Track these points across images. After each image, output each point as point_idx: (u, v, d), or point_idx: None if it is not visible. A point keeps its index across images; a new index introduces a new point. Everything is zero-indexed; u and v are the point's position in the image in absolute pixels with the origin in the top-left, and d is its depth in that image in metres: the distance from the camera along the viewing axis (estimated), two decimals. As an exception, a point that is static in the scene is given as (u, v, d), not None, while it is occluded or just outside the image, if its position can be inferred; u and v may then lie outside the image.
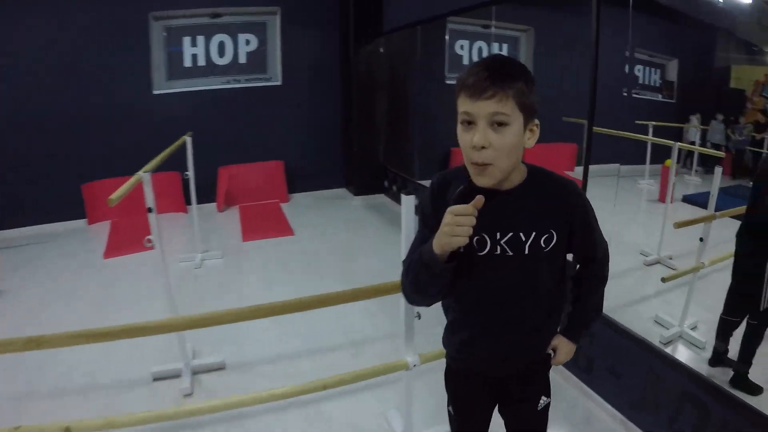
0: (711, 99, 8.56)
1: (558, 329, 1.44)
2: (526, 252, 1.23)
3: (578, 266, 1.43)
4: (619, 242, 2.17)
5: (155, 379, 2.74)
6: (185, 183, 4.31)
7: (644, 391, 2.38)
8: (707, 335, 3.00)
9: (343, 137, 6.54)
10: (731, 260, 2.98)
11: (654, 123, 6.11)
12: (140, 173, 2.56)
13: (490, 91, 1.08)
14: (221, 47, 5.67)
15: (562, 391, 2.72)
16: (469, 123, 1.13)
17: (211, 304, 3.52)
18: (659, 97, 7.96)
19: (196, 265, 4.27)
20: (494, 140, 1.10)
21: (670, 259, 3.85)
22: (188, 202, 4.70)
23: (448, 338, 1.44)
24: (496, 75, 1.09)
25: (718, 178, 3.21)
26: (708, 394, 2.15)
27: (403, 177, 6.08)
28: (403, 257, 1.98)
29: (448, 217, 1.09)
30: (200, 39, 5.58)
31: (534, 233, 1.23)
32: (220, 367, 2.86)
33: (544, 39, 7.51)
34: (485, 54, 7.35)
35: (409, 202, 2.01)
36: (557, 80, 7.49)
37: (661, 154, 6.40)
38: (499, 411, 1.52)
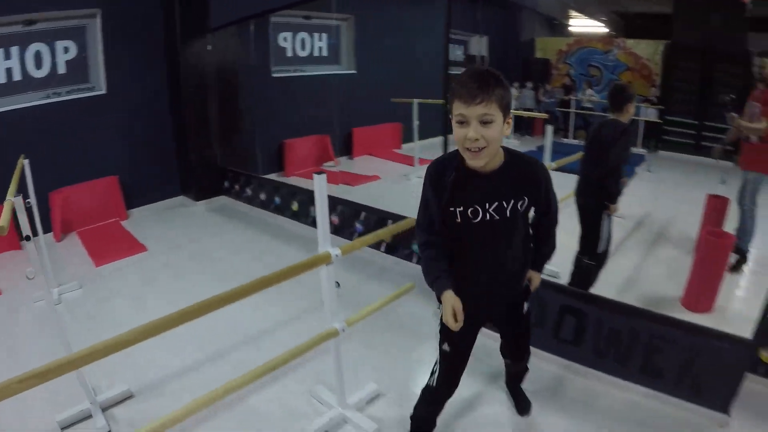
0: (519, 69, 9.70)
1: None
2: (508, 215, 1.66)
3: (539, 217, 1.84)
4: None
5: (64, 428, 2.49)
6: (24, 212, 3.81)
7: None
8: (558, 266, 3.56)
9: (176, 143, 6.26)
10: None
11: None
12: (11, 198, 2.32)
13: (479, 98, 1.46)
14: (38, 57, 5.02)
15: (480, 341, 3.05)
16: (462, 122, 1.51)
17: (89, 339, 3.29)
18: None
19: (54, 301, 3.86)
20: (484, 133, 1.49)
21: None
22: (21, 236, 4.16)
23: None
24: (483, 86, 1.46)
25: (549, 135, 3.82)
26: (583, 302, 2.81)
27: (247, 174, 6.09)
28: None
29: (450, 321, 1.65)
30: (14, 50, 4.88)
31: (513, 201, 1.65)
32: (128, 396, 2.70)
33: (364, 26, 7.89)
34: (308, 45, 7.55)
35: (320, 180, 2.12)
36: (381, 64, 7.96)
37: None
38: (492, 323, 2.03)
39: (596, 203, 3.20)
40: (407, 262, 4.19)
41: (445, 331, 1.87)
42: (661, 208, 5.82)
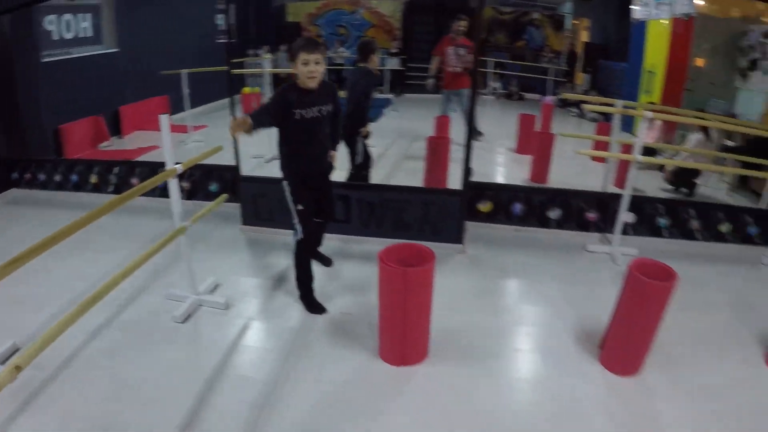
0: (273, 34, 10.58)
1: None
2: (324, 113, 2.98)
3: (332, 115, 3.10)
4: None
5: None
6: None
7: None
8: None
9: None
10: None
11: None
12: None
13: (316, 51, 2.79)
14: None
15: (274, 238, 4.28)
16: (306, 63, 2.77)
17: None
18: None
19: None
20: (318, 69, 2.82)
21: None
22: None
23: (289, 166, 3.06)
24: (316, 45, 2.81)
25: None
26: (346, 189, 4.13)
27: (38, 160, 6.03)
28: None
29: (232, 127, 2.62)
30: None
31: (325, 105, 2.97)
32: (16, 349, 2.96)
33: (126, 3, 8.11)
34: (73, 27, 7.46)
35: (164, 119, 2.90)
36: (145, 39, 8.14)
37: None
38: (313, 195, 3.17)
39: (350, 128, 4.46)
40: (206, 202, 4.81)
41: (295, 198, 3.06)
42: (405, 134, 7.70)
